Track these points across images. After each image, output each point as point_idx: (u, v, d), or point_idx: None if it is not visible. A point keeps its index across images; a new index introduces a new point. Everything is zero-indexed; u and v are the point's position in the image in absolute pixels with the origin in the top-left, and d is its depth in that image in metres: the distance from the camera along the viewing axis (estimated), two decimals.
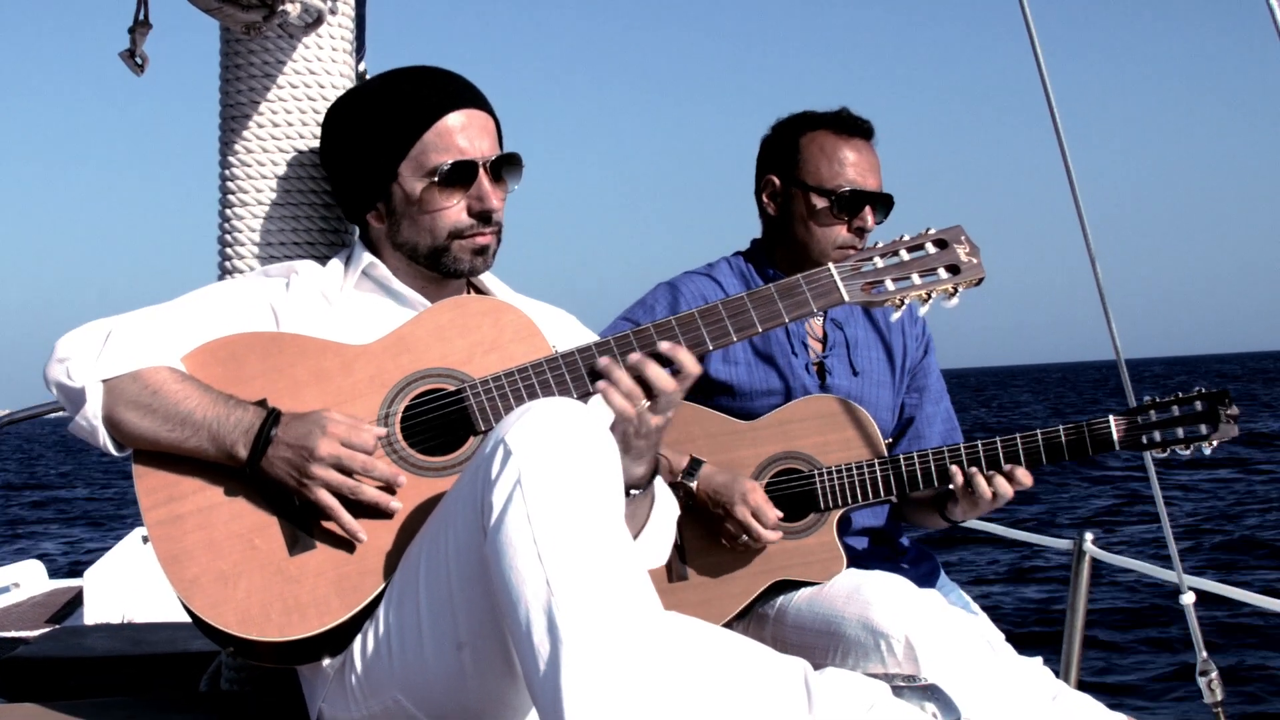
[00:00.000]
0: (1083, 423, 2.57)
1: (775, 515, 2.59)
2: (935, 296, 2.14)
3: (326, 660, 2.01)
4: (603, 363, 2.00)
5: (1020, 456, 2.58)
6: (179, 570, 1.94)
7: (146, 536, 2.03)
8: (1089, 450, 2.57)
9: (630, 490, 2.02)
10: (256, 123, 2.42)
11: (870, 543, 2.86)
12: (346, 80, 2.49)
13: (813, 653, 2.41)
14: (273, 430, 1.94)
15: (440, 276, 2.22)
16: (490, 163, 2.17)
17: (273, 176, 2.42)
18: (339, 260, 2.28)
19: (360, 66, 2.59)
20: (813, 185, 2.77)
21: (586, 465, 1.76)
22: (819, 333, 2.89)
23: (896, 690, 2.10)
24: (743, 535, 2.59)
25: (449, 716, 1.93)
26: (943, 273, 2.14)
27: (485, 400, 2.01)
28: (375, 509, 1.95)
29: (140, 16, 2.34)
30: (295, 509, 1.96)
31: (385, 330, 2.08)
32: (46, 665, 2.95)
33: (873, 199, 2.77)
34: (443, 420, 2.02)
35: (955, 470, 2.59)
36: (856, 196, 2.75)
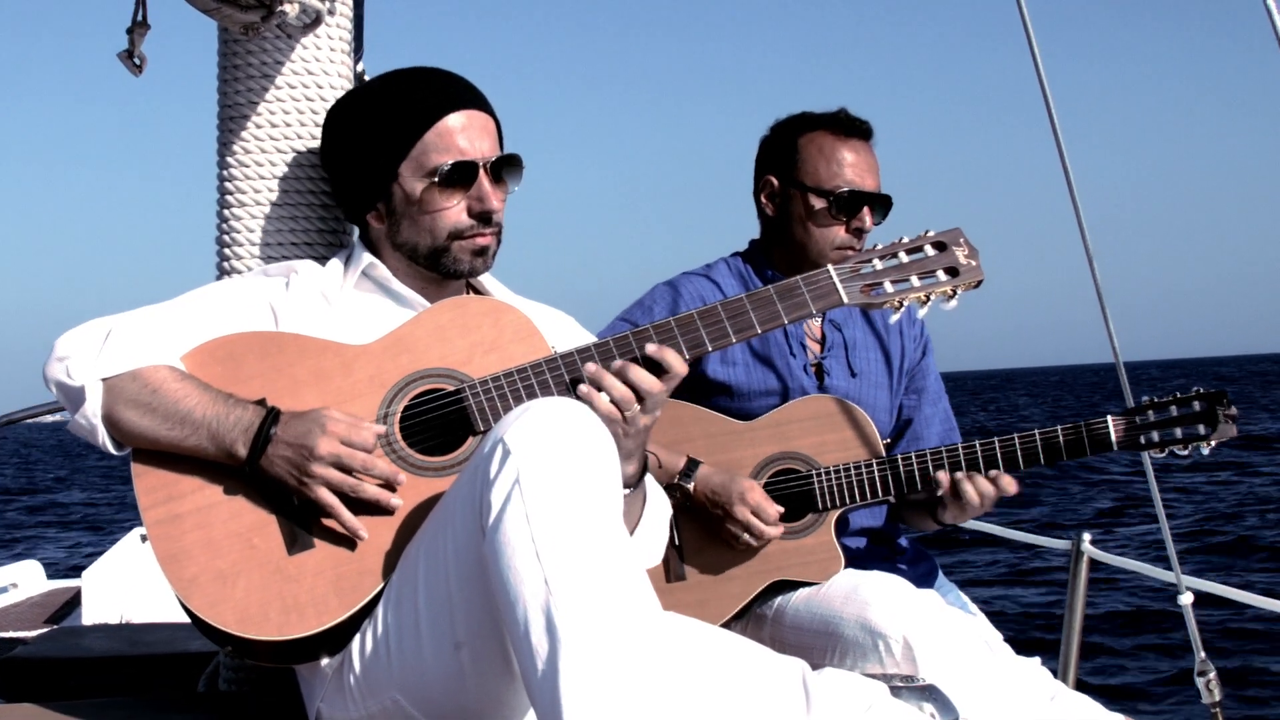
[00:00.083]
0: (1081, 423, 2.56)
1: (776, 512, 2.59)
2: (934, 299, 2.14)
3: (325, 660, 2.01)
4: (589, 369, 2.00)
5: (1019, 457, 2.58)
6: (177, 569, 1.95)
7: (145, 536, 2.03)
8: (1087, 451, 2.56)
9: (623, 488, 2.02)
10: (255, 123, 2.43)
11: (868, 543, 2.86)
12: (345, 81, 2.50)
13: (811, 653, 2.40)
14: (272, 429, 1.94)
15: (440, 277, 2.22)
16: (491, 163, 2.17)
17: (271, 177, 2.42)
18: (339, 260, 2.28)
19: (358, 67, 2.59)
20: (811, 186, 2.77)
21: (585, 465, 1.76)
22: (817, 334, 2.88)
23: (894, 690, 2.10)
24: (744, 535, 2.59)
25: (447, 716, 1.92)
26: (941, 275, 2.14)
27: (484, 400, 2.01)
28: (375, 507, 1.95)
29: (138, 17, 2.33)
30: (294, 508, 1.96)
31: (384, 330, 2.08)
32: (44, 665, 2.95)
33: (871, 200, 2.77)
34: (442, 420, 2.02)
35: (942, 476, 2.58)
36: (854, 197, 2.75)
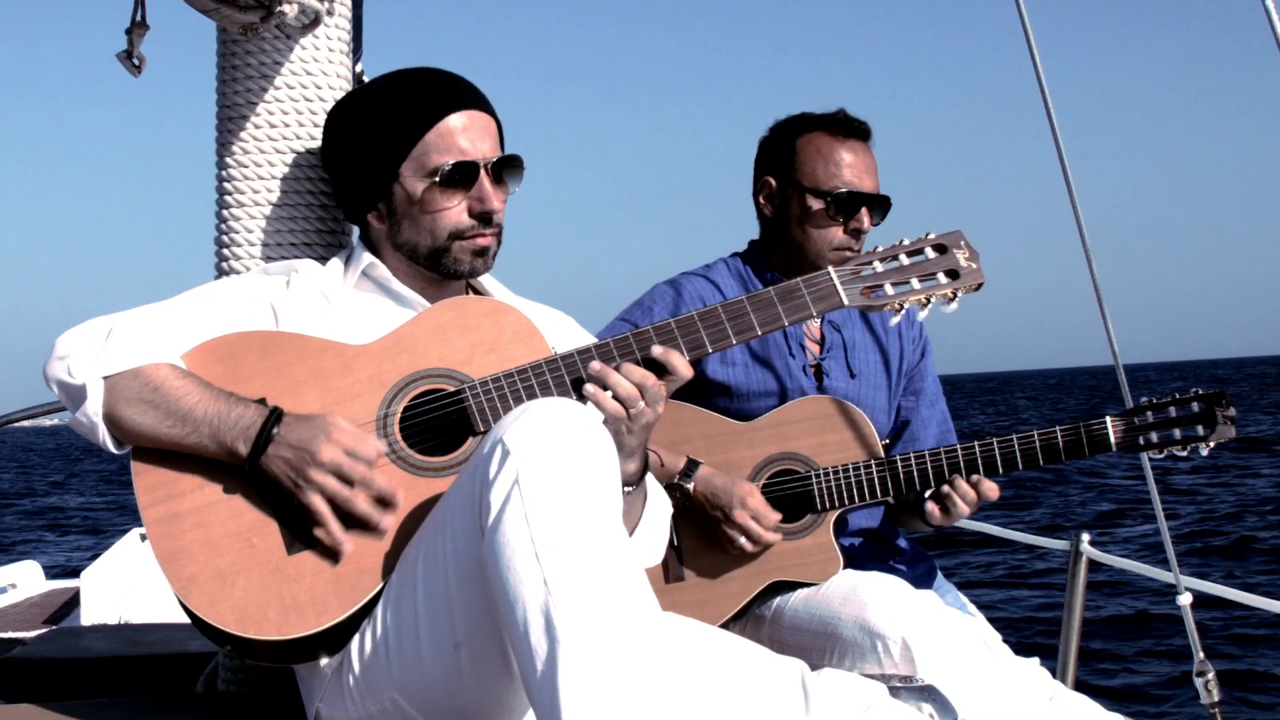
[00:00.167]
0: (1080, 424, 2.56)
1: (775, 518, 2.59)
2: (934, 301, 2.14)
3: (324, 660, 2.01)
4: (594, 367, 2.00)
5: (1017, 458, 2.58)
6: (177, 568, 1.94)
7: (144, 535, 2.03)
8: (1086, 452, 2.56)
9: (624, 487, 2.02)
10: (254, 123, 2.43)
11: (867, 544, 2.86)
12: (343, 81, 2.50)
13: (809, 653, 2.40)
14: (274, 429, 1.93)
15: (440, 277, 2.22)
16: (491, 164, 2.17)
17: (270, 177, 2.43)
18: (339, 260, 2.29)
19: (357, 67, 2.59)
20: (809, 187, 2.77)
21: (584, 465, 1.76)
22: (817, 335, 2.88)
23: (893, 691, 2.10)
24: (741, 538, 2.59)
25: (446, 716, 1.92)
26: (942, 277, 2.14)
27: (484, 401, 2.01)
28: (364, 523, 1.94)
29: (138, 18, 2.34)
30: (293, 508, 1.95)
31: (385, 330, 2.07)
32: (43, 666, 2.95)
33: (869, 200, 2.77)
34: (442, 420, 2.02)
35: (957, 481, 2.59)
36: (853, 198, 2.75)
